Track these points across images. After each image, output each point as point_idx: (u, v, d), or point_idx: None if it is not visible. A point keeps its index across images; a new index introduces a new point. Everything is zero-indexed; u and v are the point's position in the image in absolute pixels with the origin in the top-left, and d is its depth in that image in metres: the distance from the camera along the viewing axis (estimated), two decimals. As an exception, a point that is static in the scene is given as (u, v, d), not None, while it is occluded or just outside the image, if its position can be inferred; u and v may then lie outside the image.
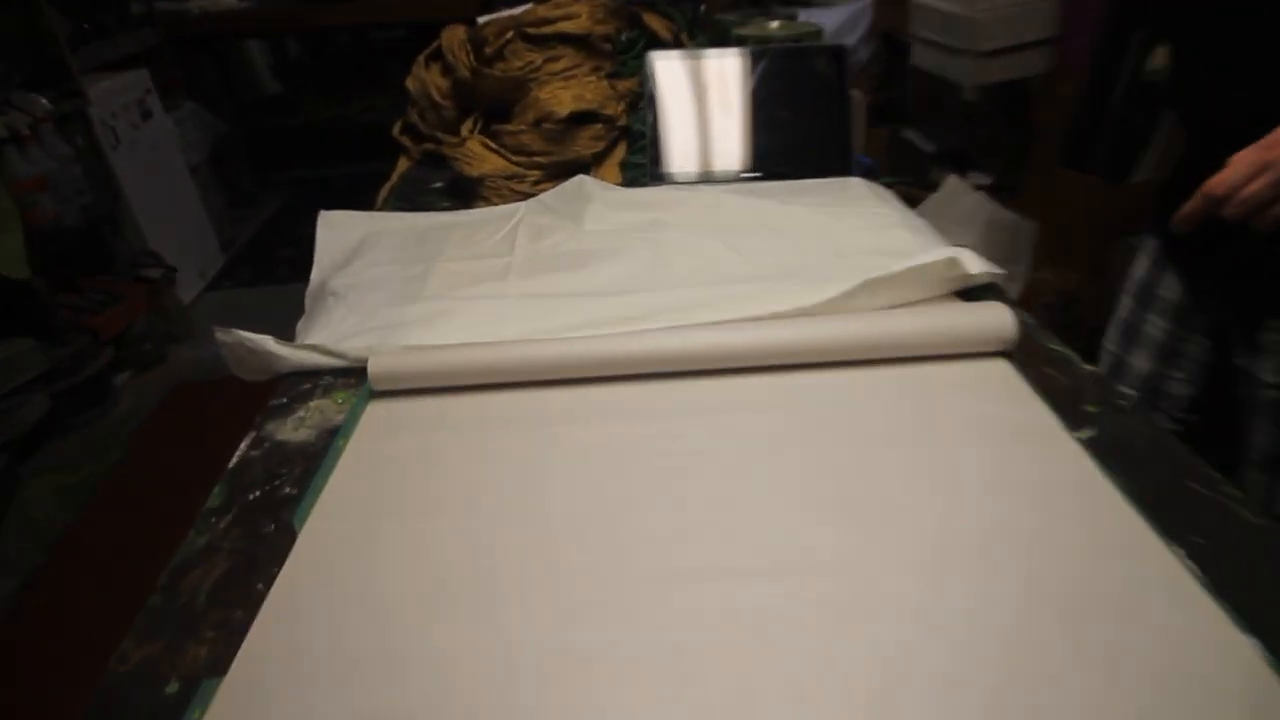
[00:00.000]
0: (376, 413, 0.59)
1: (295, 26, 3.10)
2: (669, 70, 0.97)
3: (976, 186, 1.62)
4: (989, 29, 1.54)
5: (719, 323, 0.62)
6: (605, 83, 0.92)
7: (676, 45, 1.14)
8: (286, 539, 0.47)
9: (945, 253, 0.64)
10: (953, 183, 1.15)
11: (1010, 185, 1.78)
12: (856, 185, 0.89)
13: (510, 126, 0.93)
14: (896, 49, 2.17)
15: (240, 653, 0.40)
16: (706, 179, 0.94)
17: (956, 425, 0.53)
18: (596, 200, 0.87)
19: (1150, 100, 1.35)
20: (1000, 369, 0.59)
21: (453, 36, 1.01)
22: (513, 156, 0.91)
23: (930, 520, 0.45)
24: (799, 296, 0.63)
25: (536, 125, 0.91)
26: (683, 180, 0.94)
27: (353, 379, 0.63)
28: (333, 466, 0.54)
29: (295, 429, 0.58)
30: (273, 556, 0.46)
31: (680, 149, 0.96)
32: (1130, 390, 0.90)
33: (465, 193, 0.96)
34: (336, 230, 0.85)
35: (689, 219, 0.83)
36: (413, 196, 1.00)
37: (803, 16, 2.65)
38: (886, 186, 0.89)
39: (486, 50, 0.96)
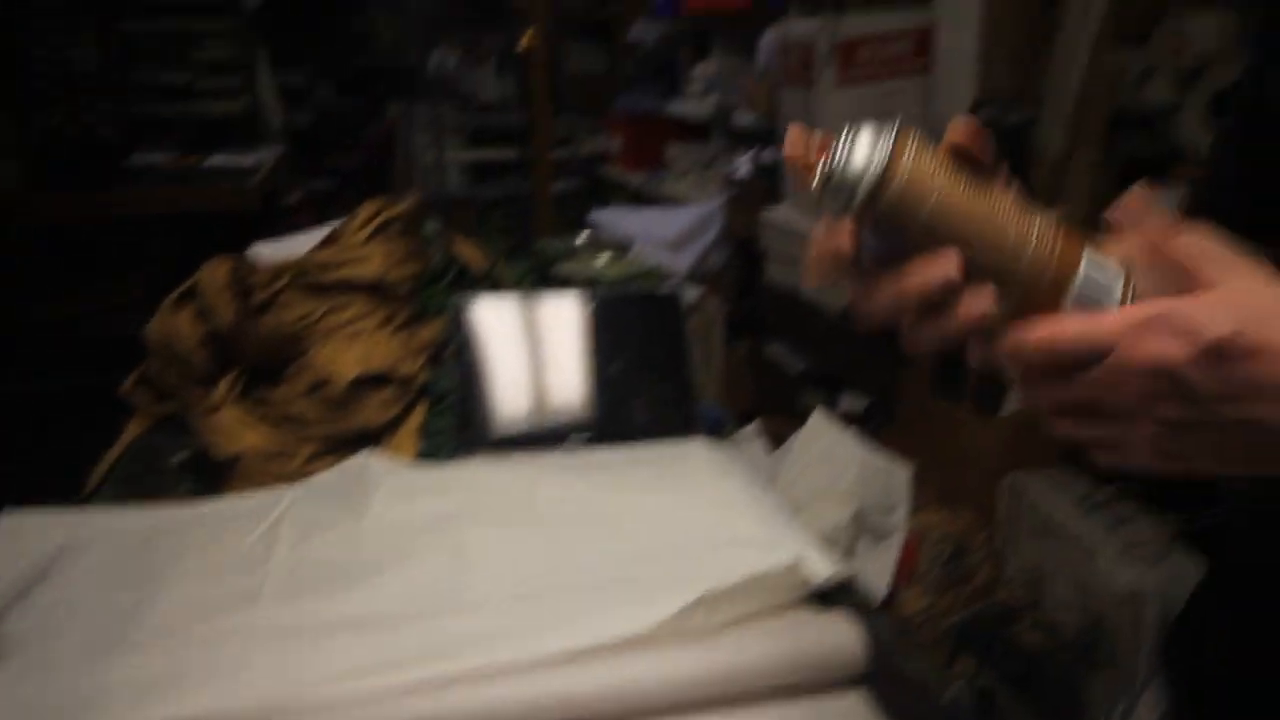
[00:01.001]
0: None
1: (27, 217, 3.06)
2: (480, 317, 1.05)
3: (847, 414, 1.79)
4: (841, 248, 1.80)
5: (529, 664, 0.63)
6: (400, 337, 0.98)
7: (490, 279, 1.24)
8: None
9: (788, 556, 0.70)
10: (818, 422, 1.27)
11: (884, 412, 1.99)
12: (697, 454, 0.97)
13: (279, 392, 0.95)
14: (752, 255, 2.47)
15: None
16: (526, 444, 0.99)
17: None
18: (383, 486, 0.89)
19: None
20: (853, 708, 0.62)
21: (213, 277, 1.05)
22: (279, 429, 0.93)
23: None
24: (627, 621, 0.66)
25: (312, 391, 0.93)
26: (498, 446, 0.98)
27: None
28: None
29: None
30: None
31: (493, 410, 1.01)
32: None
33: (216, 472, 0.95)
34: (21, 541, 0.80)
35: (498, 510, 0.86)
36: (141, 477, 0.97)
37: (652, 215, 2.96)
38: (755, 420, 0.97)
39: (255, 297, 1.01)
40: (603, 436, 1.01)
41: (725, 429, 1.09)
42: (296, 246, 1.21)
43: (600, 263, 1.21)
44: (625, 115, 3.87)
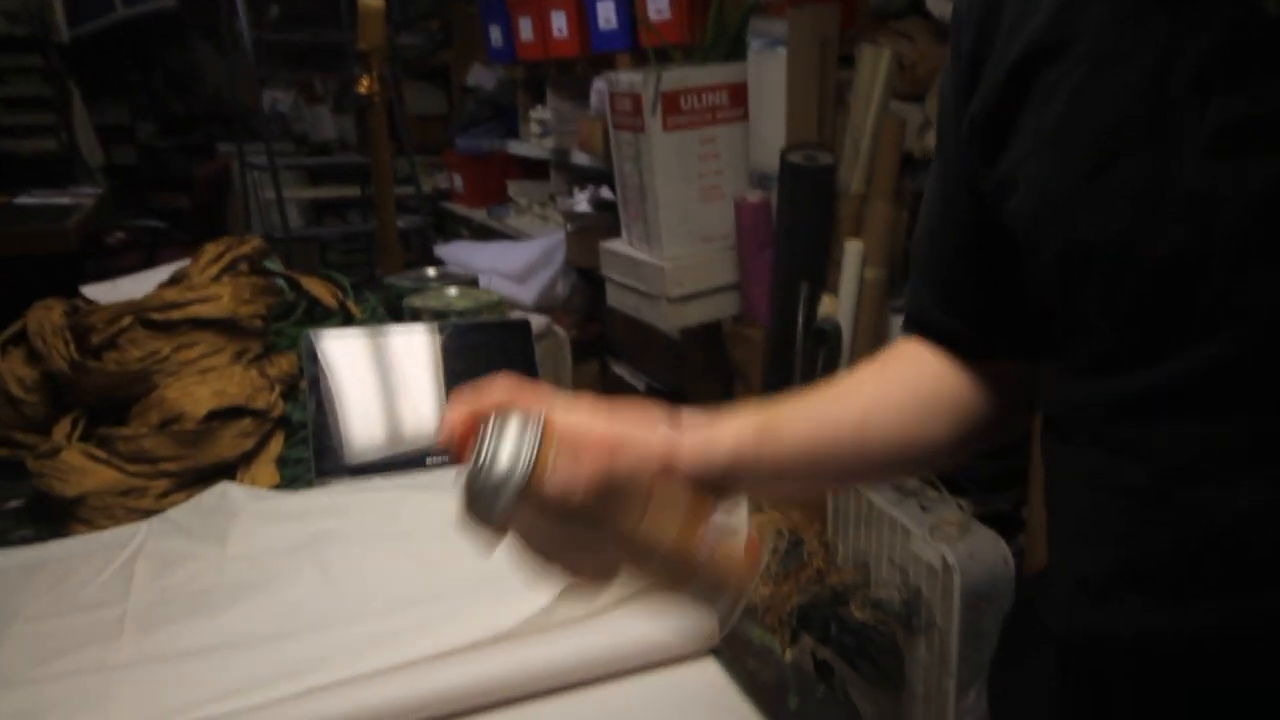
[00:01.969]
0: None
1: None
2: (334, 349, 1.06)
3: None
4: (676, 275, 1.91)
5: (405, 665, 0.66)
6: (254, 370, 0.98)
7: (343, 313, 1.25)
8: None
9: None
10: None
11: (724, 423, 2.11)
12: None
13: (126, 430, 0.92)
14: (595, 282, 2.55)
15: None
16: (385, 469, 1.01)
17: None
18: (244, 513, 0.89)
19: (825, 344, 1.76)
20: (707, 673, 0.69)
21: (45, 319, 1.01)
22: (129, 466, 0.90)
23: None
24: (496, 619, 0.70)
25: (163, 427, 0.92)
26: (357, 472, 1.00)
27: None
28: None
29: None
30: None
31: (351, 438, 1.02)
32: None
33: (57, 515, 0.91)
34: None
35: (362, 528, 0.87)
36: (-24, 525, 0.92)
37: (497, 249, 2.99)
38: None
39: (93, 339, 0.97)
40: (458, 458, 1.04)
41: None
42: (132, 287, 1.17)
43: (450, 295, 1.24)
44: (466, 154, 3.90)
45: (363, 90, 2.04)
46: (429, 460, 1.03)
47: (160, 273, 1.21)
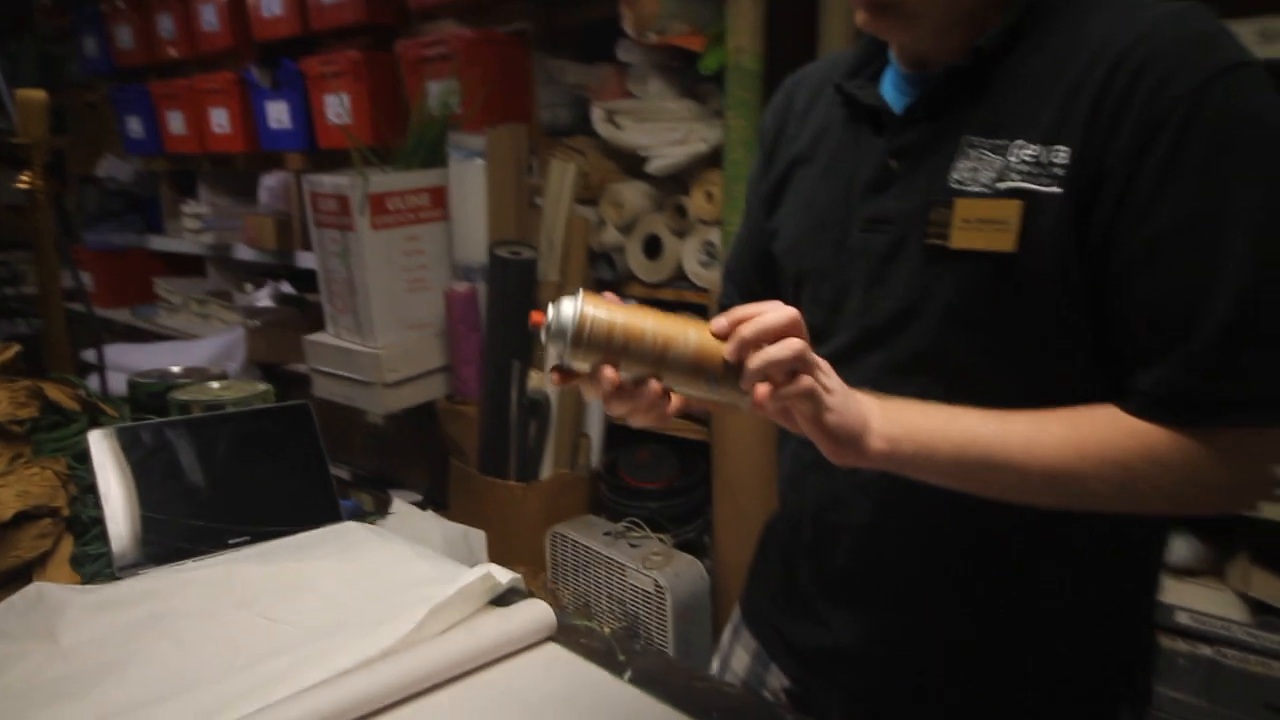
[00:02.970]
0: None
1: None
2: (115, 447, 1.08)
3: (415, 503, 2.02)
4: (391, 362, 2.05)
5: (306, 690, 0.77)
6: (49, 471, 0.98)
7: (91, 414, 1.24)
8: None
9: (481, 570, 0.94)
10: (401, 505, 1.49)
11: (438, 499, 2.26)
12: (355, 529, 1.14)
13: (-92, 543, 0.88)
14: (279, 377, 2.56)
15: None
16: (187, 555, 1.05)
17: (553, 705, 0.80)
18: (70, 607, 0.90)
19: (536, 415, 2.02)
20: (554, 651, 0.89)
21: None
22: (-82, 580, 0.87)
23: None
24: (376, 641, 0.83)
25: (-45, 534, 0.89)
26: (161, 561, 1.03)
27: None
28: None
29: None
30: None
31: (148, 530, 1.05)
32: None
33: None
34: None
35: (200, 602, 0.93)
36: None
37: (166, 350, 2.83)
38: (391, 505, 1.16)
39: None
40: (259, 536, 1.11)
41: (364, 516, 1.27)
42: None
43: (214, 388, 1.29)
44: (97, 250, 3.60)
45: (24, 185, 1.92)
46: (230, 541, 1.10)
47: None
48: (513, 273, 1.93)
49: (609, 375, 0.60)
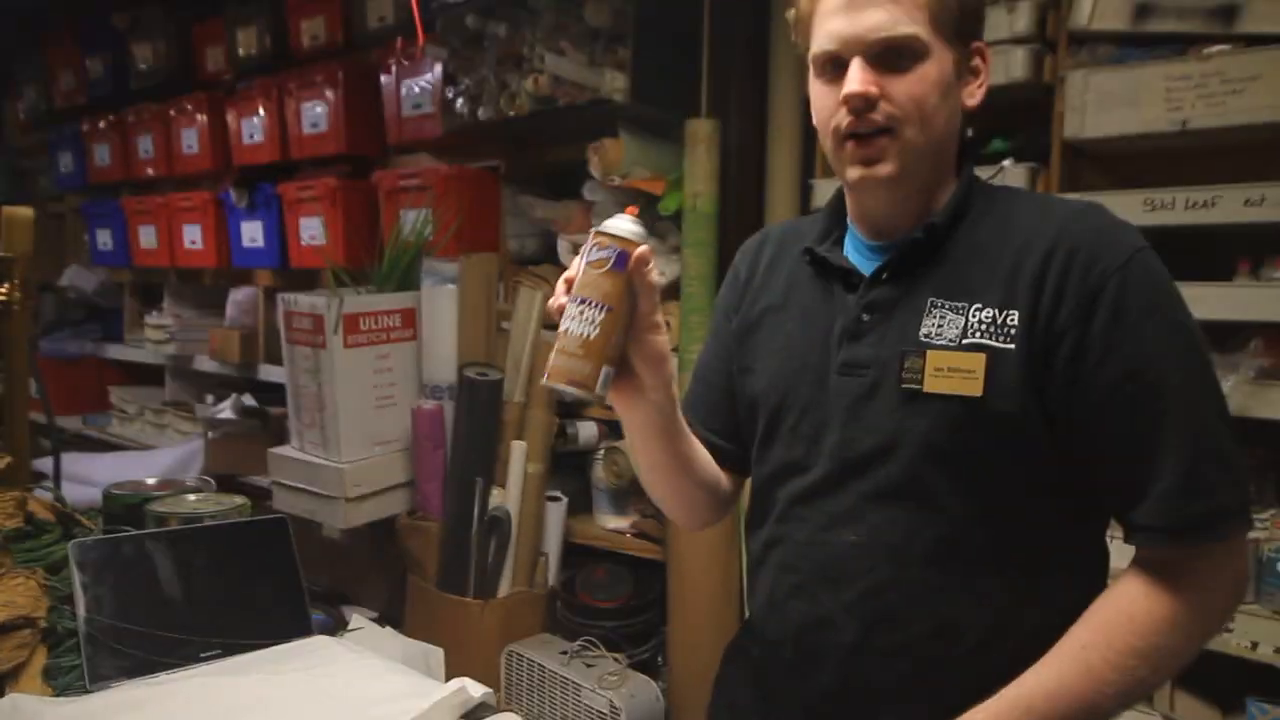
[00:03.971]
0: None
1: None
2: (94, 559, 1.10)
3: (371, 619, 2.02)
4: (355, 477, 2.08)
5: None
6: (32, 581, 1.01)
7: (65, 525, 1.26)
8: None
9: (455, 684, 0.98)
10: (360, 620, 1.51)
11: (394, 616, 2.25)
12: (327, 644, 1.17)
13: (-110, 653, 0.90)
14: (236, 489, 2.55)
15: None
16: (161, 668, 1.07)
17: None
18: (47, 718, 0.91)
19: (497, 531, 2.06)
20: (524, 764, 0.93)
21: None
22: (-103, 690, 0.88)
23: None
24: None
25: (-62, 645, 0.91)
26: (133, 673, 1.04)
27: None
28: None
29: None
30: None
31: (122, 642, 1.07)
32: None
33: None
34: None
35: (174, 714, 0.95)
36: None
37: (121, 460, 2.81)
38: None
39: None
40: (231, 649, 1.13)
41: (334, 630, 1.29)
42: None
43: (190, 500, 1.32)
44: (51, 358, 3.58)
45: (2, 297, 1.96)
46: (202, 655, 1.11)
47: None
48: (481, 393, 2.01)
49: None
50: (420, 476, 2.16)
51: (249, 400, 2.73)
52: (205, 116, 2.97)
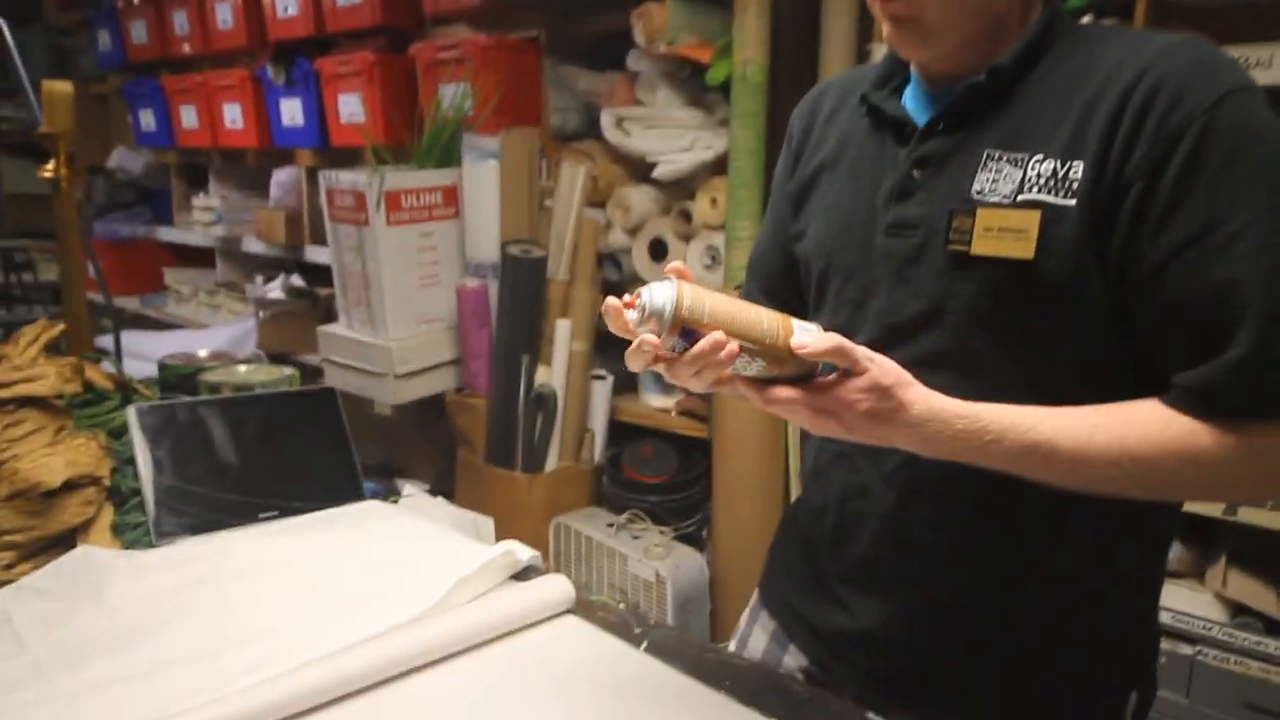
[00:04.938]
0: None
1: None
2: (154, 423, 1.13)
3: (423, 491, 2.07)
4: (402, 354, 2.10)
5: (340, 651, 0.82)
6: (94, 443, 1.03)
7: (123, 393, 1.29)
8: None
9: (504, 546, 0.99)
10: (412, 491, 1.54)
11: (445, 489, 2.31)
12: (380, 508, 1.20)
13: (-35, 506, 0.93)
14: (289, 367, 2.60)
15: None
16: (220, 527, 1.11)
17: (575, 671, 0.85)
18: (115, 570, 0.95)
19: (543, 408, 2.07)
20: (573, 623, 0.95)
21: None
22: (-28, 541, 0.92)
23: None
24: (407, 608, 0.89)
25: (9, 500, 0.94)
26: (195, 532, 1.08)
27: None
28: None
29: None
30: None
31: (183, 502, 1.10)
32: None
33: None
34: None
35: (244, 569, 0.99)
36: None
37: (178, 338, 2.87)
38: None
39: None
40: (287, 511, 1.17)
41: (385, 497, 1.32)
42: None
43: (241, 371, 1.34)
44: (106, 240, 3.64)
45: (48, 175, 1.96)
46: (261, 515, 1.15)
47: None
48: (524, 271, 1.99)
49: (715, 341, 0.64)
50: (467, 354, 2.17)
51: (297, 280, 2.75)
52: (238, -12, 2.89)
